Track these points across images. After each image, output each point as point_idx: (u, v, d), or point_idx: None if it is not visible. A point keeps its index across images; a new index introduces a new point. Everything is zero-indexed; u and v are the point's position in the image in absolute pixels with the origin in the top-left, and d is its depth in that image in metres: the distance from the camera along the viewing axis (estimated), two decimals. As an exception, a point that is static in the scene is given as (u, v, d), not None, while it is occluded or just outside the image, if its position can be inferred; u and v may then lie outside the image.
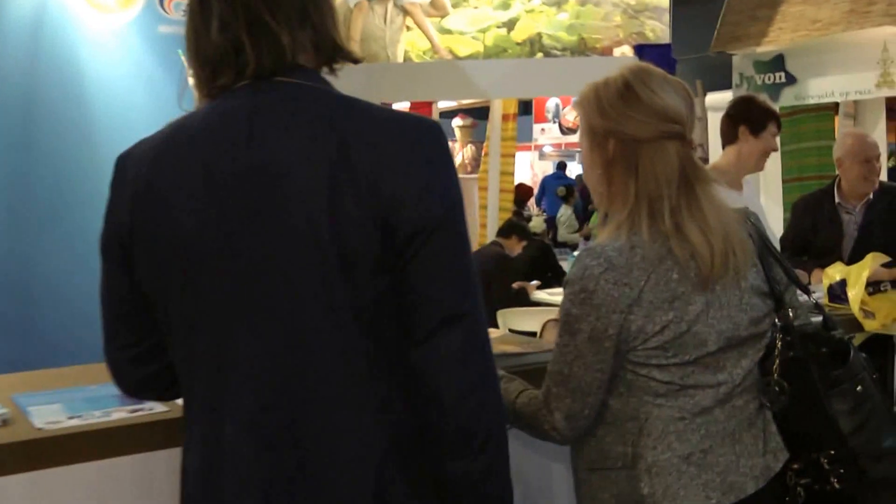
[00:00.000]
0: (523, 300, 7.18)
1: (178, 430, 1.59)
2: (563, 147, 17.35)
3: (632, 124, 1.87)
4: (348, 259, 1.41)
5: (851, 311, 3.43)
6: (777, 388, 1.97)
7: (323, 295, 1.43)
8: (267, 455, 1.45)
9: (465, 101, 9.25)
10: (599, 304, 1.81)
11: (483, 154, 8.90)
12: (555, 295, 6.70)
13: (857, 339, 3.41)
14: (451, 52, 5.97)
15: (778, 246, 4.38)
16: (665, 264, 1.84)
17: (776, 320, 2.02)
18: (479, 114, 8.89)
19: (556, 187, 13.72)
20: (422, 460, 1.50)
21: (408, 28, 6.15)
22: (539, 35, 5.62)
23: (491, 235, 7.68)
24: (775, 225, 5.34)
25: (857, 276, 3.46)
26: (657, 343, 1.83)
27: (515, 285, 7.48)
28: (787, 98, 6.02)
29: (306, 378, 1.45)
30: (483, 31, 5.89)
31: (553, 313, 2.36)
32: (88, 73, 4.89)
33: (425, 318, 1.44)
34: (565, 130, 16.91)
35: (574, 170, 16.45)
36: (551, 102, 16.91)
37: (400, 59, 6.18)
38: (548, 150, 17.14)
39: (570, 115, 16.67)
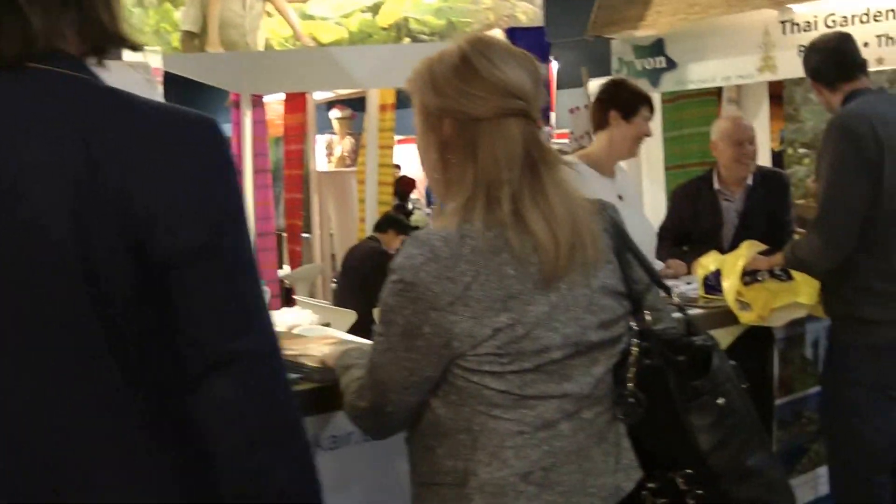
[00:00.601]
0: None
1: None
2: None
3: (469, 101, 1.69)
4: (101, 291, 1.14)
5: (727, 304, 3.21)
6: (632, 400, 1.79)
7: (70, 336, 1.15)
8: None
9: (343, 92, 9.00)
10: (417, 297, 1.63)
11: (361, 146, 8.66)
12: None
13: (734, 333, 3.19)
14: (313, 38, 5.68)
15: (651, 242, 4.18)
16: (500, 258, 1.66)
17: (633, 324, 1.83)
18: (358, 105, 8.62)
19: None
20: None
21: (268, 14, 5.84)
22: (406, 19, 5.37)
23: (370, 230, 7.44)
24: (659, 214, 5.18)
25: (731, 266, 3.26)
26: (489, 348, 1.65)
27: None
28: (668, 83, 5.86)
29: (55, 438, 1.17)
30: (347, 16, 5.62)
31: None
32: None
33: (191, 361, 1.18)
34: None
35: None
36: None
37: (260, 47, 5.89)
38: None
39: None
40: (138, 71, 4.69)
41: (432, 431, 1.73)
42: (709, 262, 3.40)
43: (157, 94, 4.58)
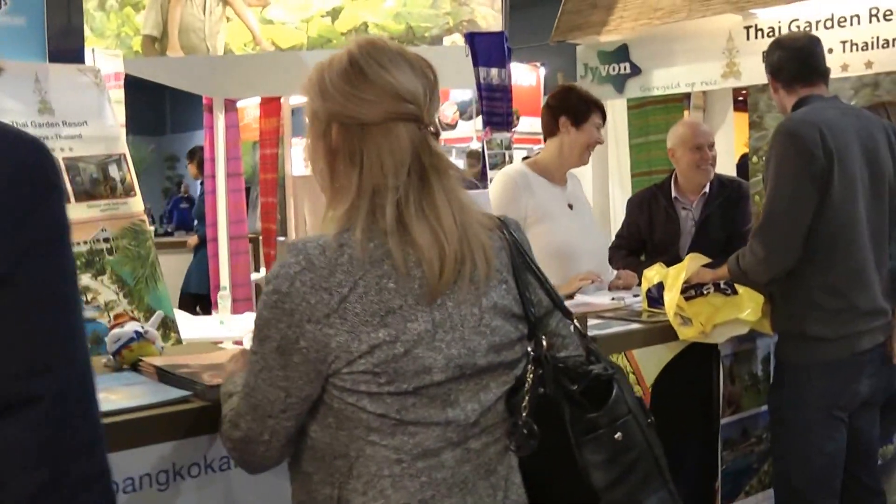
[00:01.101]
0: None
1: None
2: (442, 143, 17.02)
3: (357, 105, 1.62)
4: None
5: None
6: (525, 431, 1.67)
7: None
8: None
9: None
10: (292, 309, 1.56)
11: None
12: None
13: (675, 349, 3.10)
14: (273, 43, 5.58)
15: (603, 252, 4.09)
16: (380, 269, 1.58)
17: (529, 349, 1.73)
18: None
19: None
20: None
21: (227, 19, 5.74)
22: (365, 24, 5.27)
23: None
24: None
25: (674, 279, 3.16)
26: (366, 366, 1.56)
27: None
28: (633, 89, 5.78)
29: None
30: (306, 20, 5.51)
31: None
32: None
33: None
34: (444, 126, 16.67)
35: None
36: (434, 99, 16.64)
37: (220, 52, 5.77)
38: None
39: (449, 111, 16.49)
40: (87, 74, 4.60)
41: (309, 456, 1.66)
42: (652, 274, 3.30)
43: (105, 97, 4.47)
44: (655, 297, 3.24)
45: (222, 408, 1.83)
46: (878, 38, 4.95)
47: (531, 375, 1.70)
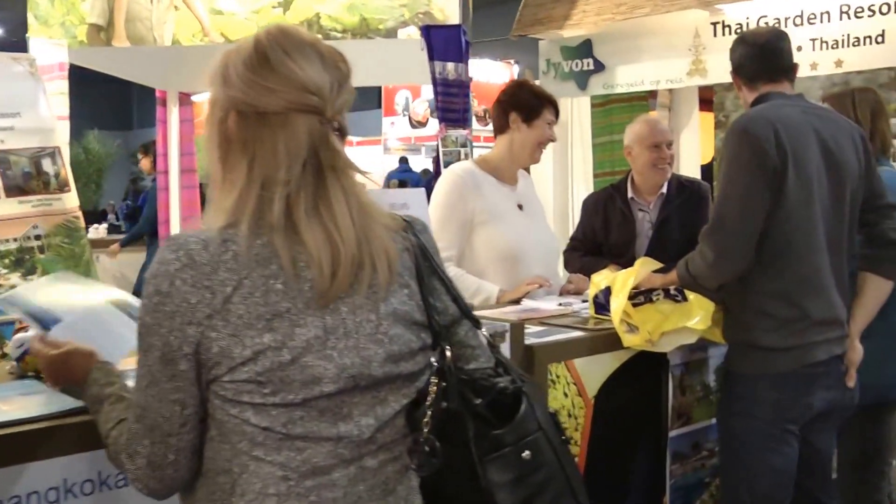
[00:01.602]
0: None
1: None
2: (412, 141, 16.92)
3: (257, 93, 1.53)
4: None
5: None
6: (427, 448, 1.54)
7: None
8: None
9: None
10: (174, 311, 1.46)
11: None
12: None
13: (621, 358, 2.92)
14: (222, 35, 5.39)
15: (555, 255, 3.91)
16: (267, 269, 1.48)
17: (432, 360, 1.61)
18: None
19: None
20: None
21: (175, 8, 5.55)
22: (317, 15, 5.09)
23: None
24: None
25: (622, 284, 2.97)
26: (249, 374, 1.46)
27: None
28: (596, 86, 5.61)
29: None
30: (257, 11, 5.34)
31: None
32: None
33: None
34: (415, 124, 16.52)
35: (420, 163, 15.96)
36: (401, 96, 16.54)
37: (167, 42, 5.59)
38: (393, 143, 16.71)
39: (420, 108, 16.31)
40: (21, 63, 4.41)
41: (196, 471, 1.55)
42: (600, 279, 3.12)
43: (40, 88, 4.29)
44: (603, 303, 3.06)
45: (97, 418, 1.70)
46: (848, 35, 4.79)
47: (434, 388, 1.57)
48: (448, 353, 1.58)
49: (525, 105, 3.72)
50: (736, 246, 2.82)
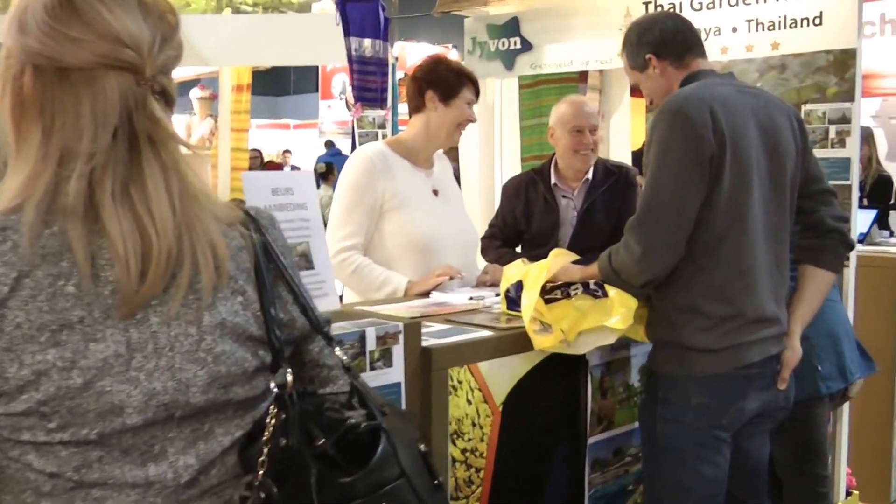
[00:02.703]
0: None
1: None
2: (349, 125, 16.54)
3: (59, 44, 1.22)
4: None
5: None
6: (262, 495, 1.23)
7: None
8: None
9: (205, 70, 8.45)
10: None
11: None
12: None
13: (534, 360, 2.65)
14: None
15: (473, 245, 3.64)
16: (57, 266, 1.17)
17: (272, 385, 1.29)
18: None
19: (320, 165, 12.69)
20: None
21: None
22: (225, -12, 4.76)
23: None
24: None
25: (535, 278, 2.71)
26: (30, 403, 1.15)
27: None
28: (523, 66, 5.32)
29: None
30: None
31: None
32: None
33: None
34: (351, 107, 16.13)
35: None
36: (338, 79, 16.15)
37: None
38: (329, 127, 16.29)
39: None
40: None
41: None
42: (512, 272, 2.85)
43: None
44: (514, 299, 2.79)
45: None
46: (785, 16, 4.55)
47: (272, 420, 1.26)
48: (289, 377, 1.28)
49: (442, 83, 3.45)
50: (665, 240, 2.57)
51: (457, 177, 6.66)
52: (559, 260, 2.81)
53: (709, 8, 4.69)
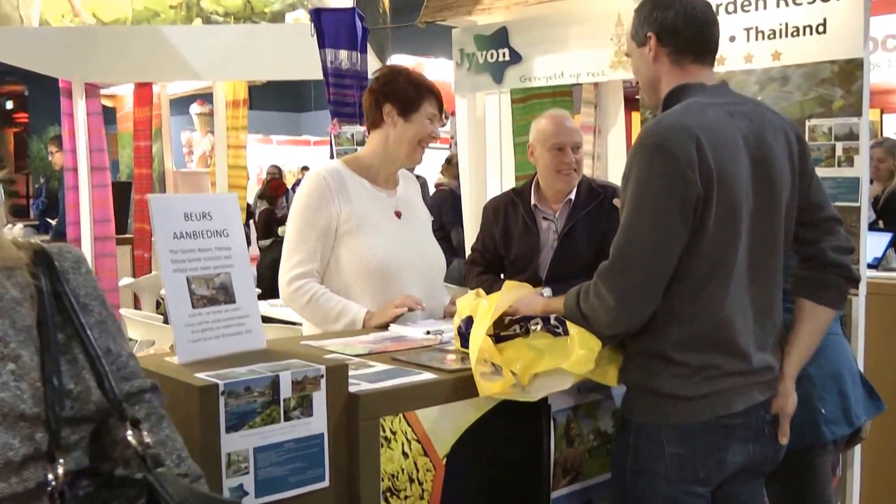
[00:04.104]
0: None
1: None
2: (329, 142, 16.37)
3: None
4: None
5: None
6: None
7: None
8: None
9: (201, 85, 8.27)
10: None
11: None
12: (276, 306, 5.49)
13: (483, 408, 2.35)
14: (94, 16, 4.82)
15: (438, 271, 3.35)
16: None
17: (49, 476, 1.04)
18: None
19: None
20: None
21: (41, -16, 4.98)
22: (197, -3, 4.53)
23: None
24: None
25: (485, 311, 2.41)
26: None
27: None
28: (512, 79, 5.06)
29: None
30: (130, -10, 4.77)
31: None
32: None
33: None
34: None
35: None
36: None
37: (35, 23, 5.00)
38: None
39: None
40: None
41: None
42: (464, 304, 2.55)
43: None
44: (466, 336, 2.49)
45: None
46: (787, 24, 4.26)
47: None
48: (60, 470, 1.00)
49: (401, 96, 3.18)
50: (641, 290, 2.27)
51: (457, 199, 6.42)
52: (511, 293, 2.51)
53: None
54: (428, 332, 2.81)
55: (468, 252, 4.06)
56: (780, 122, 2.49)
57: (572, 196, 3.66)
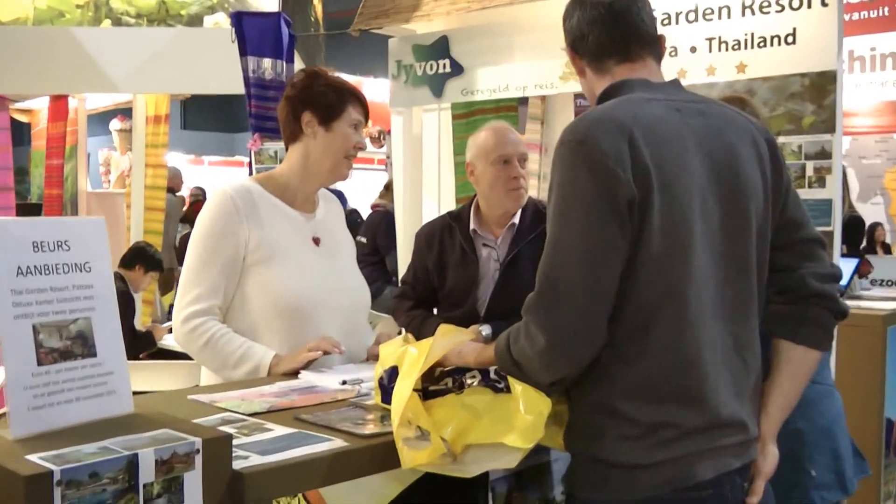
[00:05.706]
0: (146, 346, 5.84)
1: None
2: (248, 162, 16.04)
3: None
4: None
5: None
6: None
7: None
8: None
9: (123, 99, 7.81)
10: None
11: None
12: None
13: (406, 480, 1.92)
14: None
15: (362, 305, 2.92)
16: None
17: None
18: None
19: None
20: None
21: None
22: (106, -4, 4.09)
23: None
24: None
25: (413, 363, 1.98)
26: None
27: (144, 327, 6.11)
28: (453, 93, 4.67)
29: None
30: (32, -11, 4.33)
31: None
32: None
33: None
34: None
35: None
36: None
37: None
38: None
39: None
40: None
41: None
42: (387, 352, 2.12)
43: None
44: (388, 390, 2.06)
45: None
46: (753, 35, 3.94)
47: None
48: None
49: (321, 102, 2.76)
50: (577, 326, 1.82)
51: (393, 221, 6.05)
52: (445, 340, 2.08)
53: (663, 24, 4.06)
54: (344, 382, 2.37)
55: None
56: (747, 124, 2.07)
57: (516, 220, 3.25)
